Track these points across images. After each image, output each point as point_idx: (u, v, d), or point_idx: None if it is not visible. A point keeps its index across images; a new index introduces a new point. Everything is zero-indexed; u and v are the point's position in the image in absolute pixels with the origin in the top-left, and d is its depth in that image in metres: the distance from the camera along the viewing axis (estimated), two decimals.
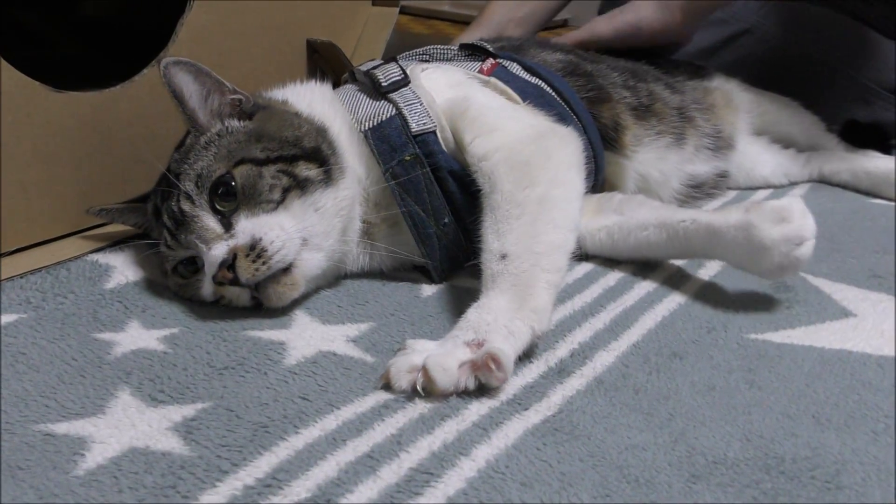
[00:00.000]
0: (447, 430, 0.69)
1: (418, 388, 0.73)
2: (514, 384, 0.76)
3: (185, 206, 0.88)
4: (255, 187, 0.87)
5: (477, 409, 0.72)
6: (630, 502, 0.61)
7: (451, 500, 0.60)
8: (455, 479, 0.63)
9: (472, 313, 0.78)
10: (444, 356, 0.73)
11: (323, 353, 0.82)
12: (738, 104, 1.39)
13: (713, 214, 0.96)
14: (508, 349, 0.74)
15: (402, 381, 0.74)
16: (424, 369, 0.72)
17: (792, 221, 0.89)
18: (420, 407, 0.72)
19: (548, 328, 0.80)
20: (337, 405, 0.72)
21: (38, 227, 1.02)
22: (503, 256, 0.83)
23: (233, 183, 0.87)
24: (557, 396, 0.75)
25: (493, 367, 0.72)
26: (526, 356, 0.80)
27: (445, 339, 0.77)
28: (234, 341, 0.84)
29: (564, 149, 0.95)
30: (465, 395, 0.74)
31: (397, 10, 1.37)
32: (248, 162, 0.89)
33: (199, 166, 0.89)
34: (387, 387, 0.74)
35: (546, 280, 0.81)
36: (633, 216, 1.03)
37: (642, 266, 1.04)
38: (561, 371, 0.79)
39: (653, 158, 1.17)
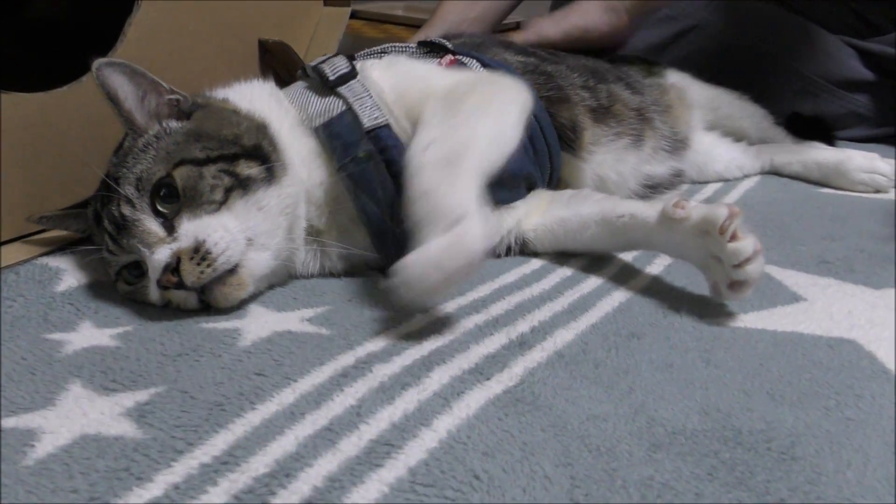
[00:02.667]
0: (408, 400, 0.68)
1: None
2: (476, 353, 0.77)
3: (126, 210, 0.86)
4: (196, 188, 0.85)
5: (438, 378, 0.72)
6: (592, 471, 0.61)
7: (412, 471, 0.60)
8: (416, 450, 0.62)
9: (417, 205, 0.78)
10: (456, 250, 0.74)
11: (278, 333, 0.81)
12: (692, 101, 1.40)
13: (649, 208, 0.95)
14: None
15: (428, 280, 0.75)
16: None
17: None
18: (380, 374, 0.72)
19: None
20: (294, 378, 0.72)
21: None
22: (428, 145, 0.82)
23: (174, 185, 0.85)
24: (519, 368, 0.75)
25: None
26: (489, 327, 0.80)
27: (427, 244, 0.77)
28: (188, 332, 0.82)
29: (510, 90, 0.94)
30: (427, 364, 0.75)
31: (349, 10, 1.37)
32: (187, 163, 0.87)
33: (138, 169, 0.87)
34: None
35: (477, 155, 0.81)
36: (577, 212, 1.03)
37: (597, 259, 1.05)
38: (522, 344, 0.80)
39: (611, 160, 1.17)
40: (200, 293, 0.85)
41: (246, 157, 0.89)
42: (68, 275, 0.97)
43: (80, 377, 0.73)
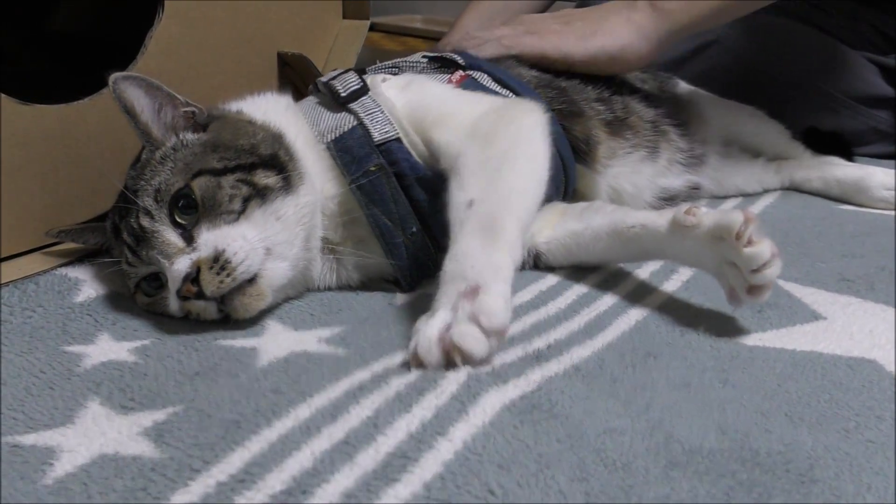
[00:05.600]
0: (425, 407, 0.68)
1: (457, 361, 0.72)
2: (493, 360, 0.77)
3: (145, 221, 0.86)
4: (214, 198, 0.86)
5: (456, 378, 0.72)
6: (607, 487, 0.61)
7: (427, 486, 0.60)
8: (432, 463, 0.62)
9: (450, 264, 0.78)
10: (464, 327, 0.72)
11: (295, 354, 0.82)
12: (707, 116, 1.39)
13: (659, 217, 0.94)
14: (502, 286, 0.75)
15: (433, 356, 0.73)
16: (455, 345, 0.72)
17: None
18: (395, 384, 0.72)
19: (521, 259, 0.80)
20: (310, 393, 0.72)
21: (5, 241, 1.01)
22: (469, 203, 0.83)
23: (192, 196, 0.86)
24: (536, 375, 0.75)
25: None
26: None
27: (438, 302, 0.76)
28: (206, 350, 0.83)
29: (529, 115, 0.95)
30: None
31: (368, 23, 1.38)
32: (206, 173, 0.88)
33: (156, 181, 0.88)
34: (420, 366, 0.74)
35: (515, 217, 0.81)
36: (589, 225, 1.02)
37: (613, 275, 1.05)
38: (538, 357, 0.80)
39: (626, 172, 1.17)
40: (220, 303, 0.85)
41: (263, 166, 0.90)
42: (87, 285, 0.98)
43: (98, 394, 0.74)
